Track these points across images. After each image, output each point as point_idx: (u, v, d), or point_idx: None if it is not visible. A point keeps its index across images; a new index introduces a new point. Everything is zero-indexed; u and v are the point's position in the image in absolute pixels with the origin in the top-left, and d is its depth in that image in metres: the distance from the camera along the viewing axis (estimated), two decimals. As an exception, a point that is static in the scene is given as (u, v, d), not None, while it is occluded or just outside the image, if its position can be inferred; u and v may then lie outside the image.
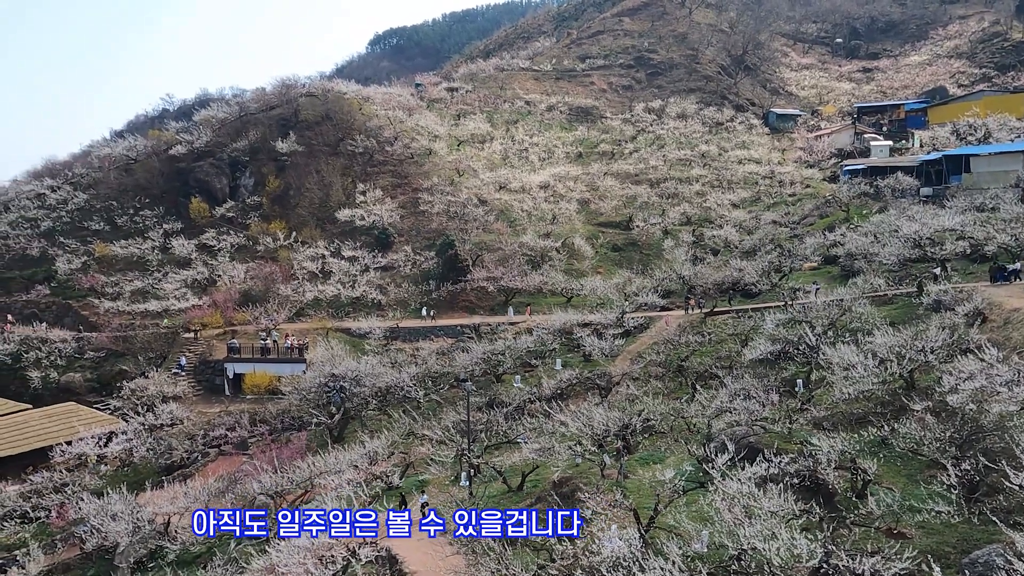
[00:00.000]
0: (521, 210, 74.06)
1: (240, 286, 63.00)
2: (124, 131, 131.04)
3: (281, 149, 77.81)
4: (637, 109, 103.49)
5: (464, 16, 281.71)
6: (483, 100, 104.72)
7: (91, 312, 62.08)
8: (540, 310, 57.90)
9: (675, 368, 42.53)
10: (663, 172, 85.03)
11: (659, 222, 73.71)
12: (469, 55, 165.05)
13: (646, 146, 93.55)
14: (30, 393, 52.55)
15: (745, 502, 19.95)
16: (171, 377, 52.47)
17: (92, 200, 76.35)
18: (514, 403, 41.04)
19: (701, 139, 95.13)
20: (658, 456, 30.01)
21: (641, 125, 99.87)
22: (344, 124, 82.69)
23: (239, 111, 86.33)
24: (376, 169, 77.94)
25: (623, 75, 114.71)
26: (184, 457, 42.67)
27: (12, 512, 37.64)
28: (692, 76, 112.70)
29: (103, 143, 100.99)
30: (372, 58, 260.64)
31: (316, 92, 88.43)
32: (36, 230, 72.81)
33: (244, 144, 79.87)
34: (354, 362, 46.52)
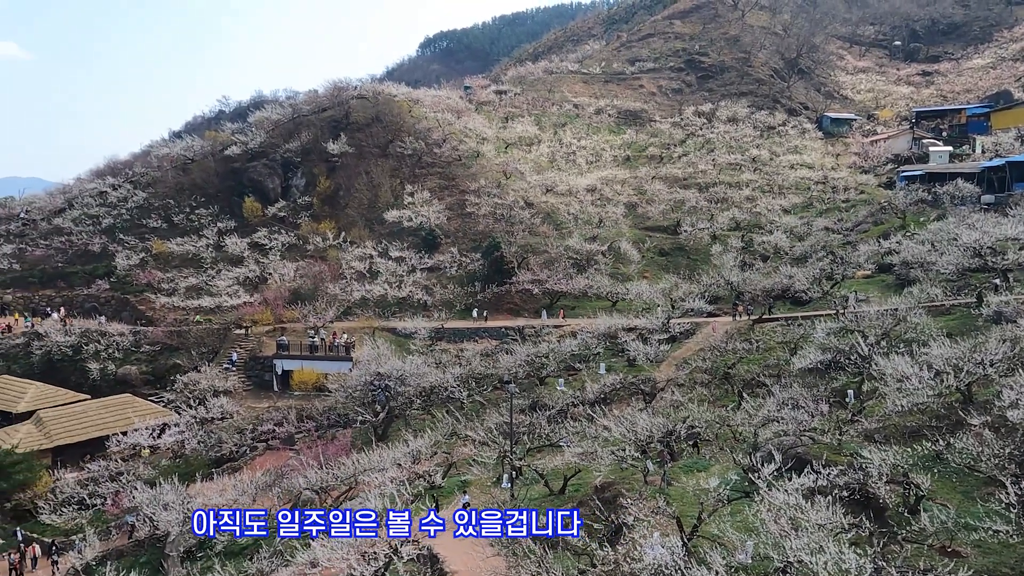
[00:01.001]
0: (567, 213, 73.91)
1: (290, 284, 64.23)
2: (182, 132, 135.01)
3: (332, 150, 79.10)
4: (687, 112, 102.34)
5: (514, 19, 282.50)
6: (531, 103, 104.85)
7: (148, 307, 64.03)
8: (584, 314, 57.70)
9: (721, 375, 41.92)
10: (712, 176, 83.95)
11: (707, 227, 72.76)
12: (518, 58, 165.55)
13: (695, 150, 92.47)
14: (89, 384, 54.42)
15: (792, 514, 19.54)
16: (222, 372, 53.73)
17: (151, 198, 78.75)
18: (557, 406, 40.96)
19: (752, 143, 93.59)
20: (702, 464, 29.61)
21: (691, 129, 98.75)
22: (393, 126, 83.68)
23: (292, 113, 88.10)
24: (424, 171, 78.65)
25: (673, 78, 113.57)
26: (233, 450, 43.66)
27: (70, 498, 39.02)
28: (744, 79, 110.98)
29: (162, 143, 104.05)
30: (422, 61, 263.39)
31: (367, 94, 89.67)
32: (98, 227, 75.41)
33: (296, 145, 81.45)
34: (399, 361, 47.00)
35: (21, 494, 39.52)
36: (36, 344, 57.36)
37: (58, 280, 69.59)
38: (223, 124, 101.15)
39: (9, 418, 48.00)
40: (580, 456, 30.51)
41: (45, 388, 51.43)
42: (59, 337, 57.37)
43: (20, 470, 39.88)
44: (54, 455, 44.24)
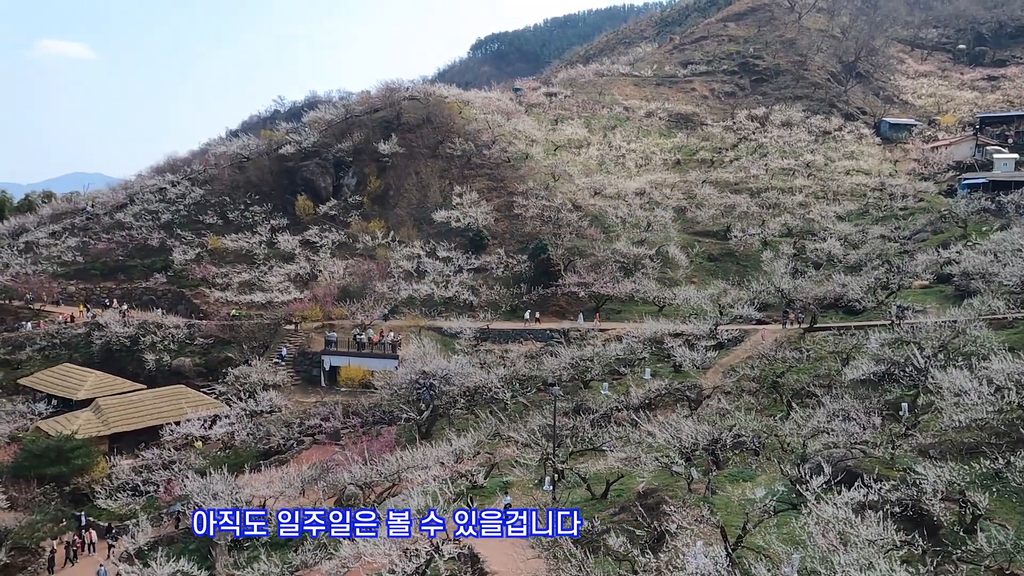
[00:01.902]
0: (615, 216, 73.49)
1: (339, 282, 65.24)
2: (238, 130, 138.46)
3: (383, 150, 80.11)
4: (739, 116, 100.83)
5: (565, 21, 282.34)
6: (581, 105, 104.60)
7: (202, 301, 65.76)
8: (630, 318, 57.28)
9: (770, 384, 41.17)
10: (764, 181, 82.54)
11: (758, 233, 71.52)
12: (569, 60, 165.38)
13: (747, 154, 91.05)
14: (145, 374, 56.08)
15: (841, 528, 19.11)
16: (272, 366, 54.82)
17: (207, 195, 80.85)
18: (601, 410, 40.76)
19: (806, 148, 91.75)
20: (748, 474, 29.13)
21: (743, 133, 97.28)
22: (444, 127, 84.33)
23: (344, 113, 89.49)
24: (473, 172, 79.08)
25: (726, 81, 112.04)
26: (281, 443, 44.49)
27: (125, 484, 40.24)
28: (799, 83, 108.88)
29: (219, 142, 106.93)
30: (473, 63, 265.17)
31: (418, 95, 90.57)
32: (157, 222, 77.75)
33: (348, 145, 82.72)
34: (444, 361, 47.31)
35: (79, 478, 40.92)
36: (96, 334, 59.37)
37: (118, 273, 71.98)
38: (278, 124, 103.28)
39: (70, 404, 49.82)
40: (623, 461, 30.33)
41: (104, 377, 53.22)
42: (118, 328, 59.28)
43: (79, 455, 41.31)
44: (111, 442, 45.73)
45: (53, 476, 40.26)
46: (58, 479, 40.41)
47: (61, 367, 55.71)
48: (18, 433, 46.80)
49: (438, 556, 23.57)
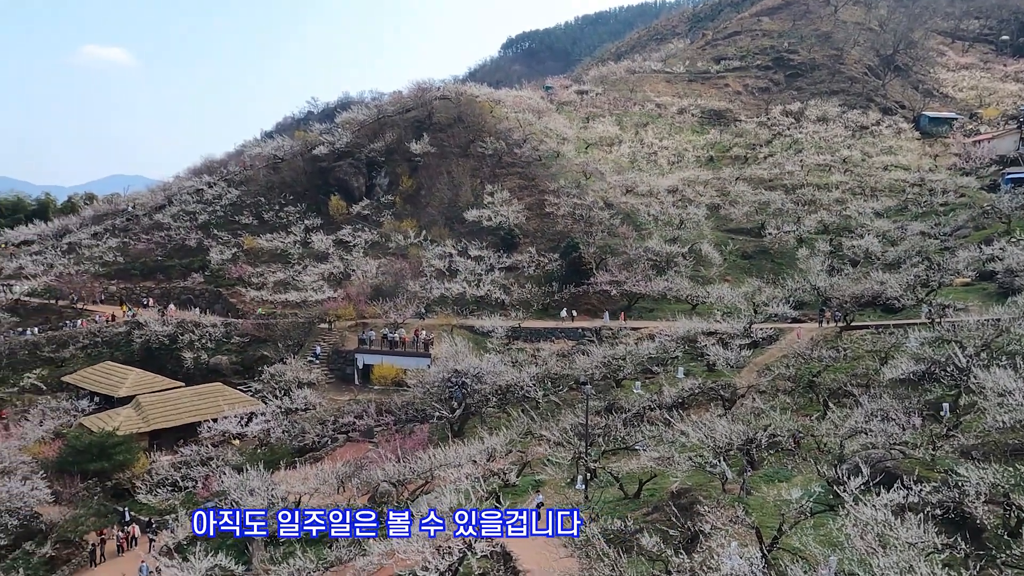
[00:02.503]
0: (648, 214, 73.00)
1: (372, 281, 65.79)
2: (273, 132, 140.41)
3: (415, 150, 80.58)
4: (774, 112, 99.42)
5: (597, 19, 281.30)
6: (613, 103, 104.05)
7: (238, 300, 66.83)
8: (663, 316, 56.90)
9: (805, 383, 40.56)
10: (800, 178, 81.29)
11: (793, 230, 70.51)
12: (600, 58, 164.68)
13: (782, 150, 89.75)
14: (183, 372, 57.17)
15: (879, 530, 18.75)
16: (306, 364, 55.48)
17: (243, 196, 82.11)
18: (633, 409, 40.54)
19: (843, 143, 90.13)
20: (784, 474, 28.74)
21: (778, 129, 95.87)
22: (475, 126, 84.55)
23: (377, 113, 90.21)
24: (504, 171, 79.15)
25: (760, 77, 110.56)
26: (315, 441, 45.01)
27: (164, 480, 41.09)
28: (835, 77, 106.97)
29: (254, 143, 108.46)
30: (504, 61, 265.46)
31: (449, 95, 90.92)
32: (194, 222, 79.18)
33: (380, 145, 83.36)
34: (476, 359, 47.44)
35: (121, 474, 41.87)
36: (137, 333, 60.69)
37: (157, 272, 73.48)
38: (311, 125, 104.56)
39: (111, 402, 51.02)
40: (656, 460, 30.13)
41: (144, 374, 54.38)
42: (157, 327, 60.52)
43: (120, 451, 42.25)
44: (151, 438, 46.69)
45: (96, 471, 41.25)
46: (100, 474, 41.39)
47: (103, 365, 57.04)
48: (62, 429, 48.05)
49: (471, 554, 23.67)
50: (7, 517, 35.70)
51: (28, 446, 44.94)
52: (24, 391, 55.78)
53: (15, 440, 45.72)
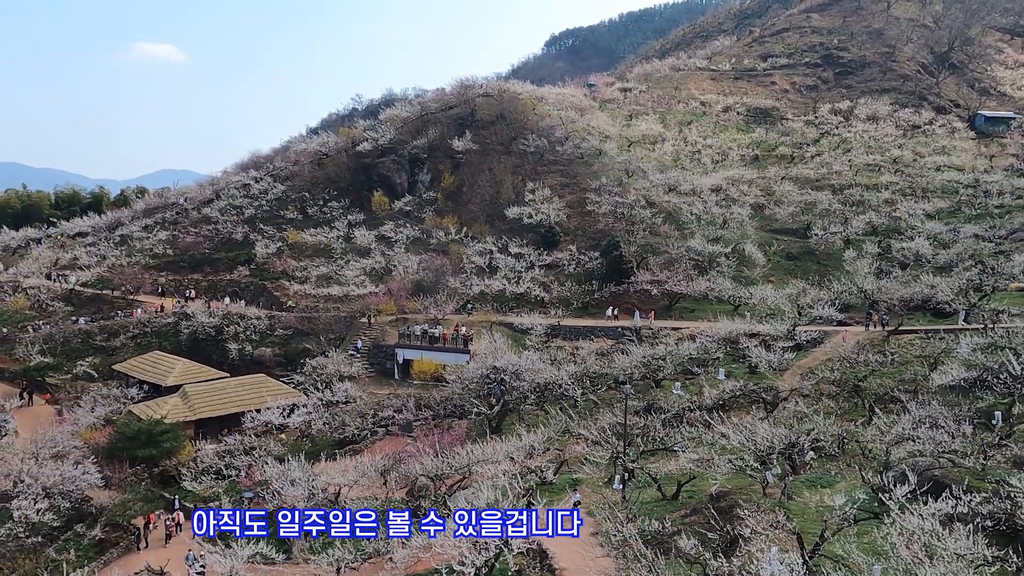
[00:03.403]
0: (690, 213, 72.21)
1: (413, 276, 66.31)
2: (318, 128, 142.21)
3: (457, 147, 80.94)
4: (822, 110, 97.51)
5: (641, 16, 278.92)
6: (656, 100, 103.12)
7: (282, 293, 67.94)
8: (704, 317, 56.25)
9: (851, 388, 39.76)
10: (848, 178, 79.58)
11: (840, 231, 69.08)
12: (644, 55, 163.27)
13: (830, 150, 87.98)
14: (228, 363, 58.36)
15: (926, 540, 18.30)
16: (348, 358, 56.16)
17: (288, 191, 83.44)
18: (673, 410, 40.21)
19: (893, 143, 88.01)
20: (827, 480, 28.23)
21: (825, 127, 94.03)
22: (517, 124, 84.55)
23: (420, 110, 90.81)
24: (546, 168, 79.03)
25: (808, 74, 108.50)
26: (355, 433, 45.56)
27: (209, 468, 42.01)
28: (886, 75, 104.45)
29: (300, 139, 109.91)
30: (547, 59, 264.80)
31: (492, 92, 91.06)
32: (241, 216, 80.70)
33: (423, 142, 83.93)
34: (515, 356, 47.50)
35: (167, 461, 42.93)
36: (184, 324, 62.17)
37: (205, 265, 75.07)
38: (356, 121, 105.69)
39: (159, 390, 52.37)
40: (695, 462, 29.83)
41: (190, 364, 55.68)
42: (204, 318, 61.88)
43: (167, 439, 43.32)
44: (196, 427, 47.78)
45: (143, 458, 42.36)
46: (148, 461, 42.50)
47: (152, 354, 58.55)
48: (113, 416, 49.44)
49: (507, 550, 23.74)
50: (60, 499, 36.87)
51: (80, 431, 46.38)
52: (77, 378, 57.58)
53: (68, 425, 47.25)
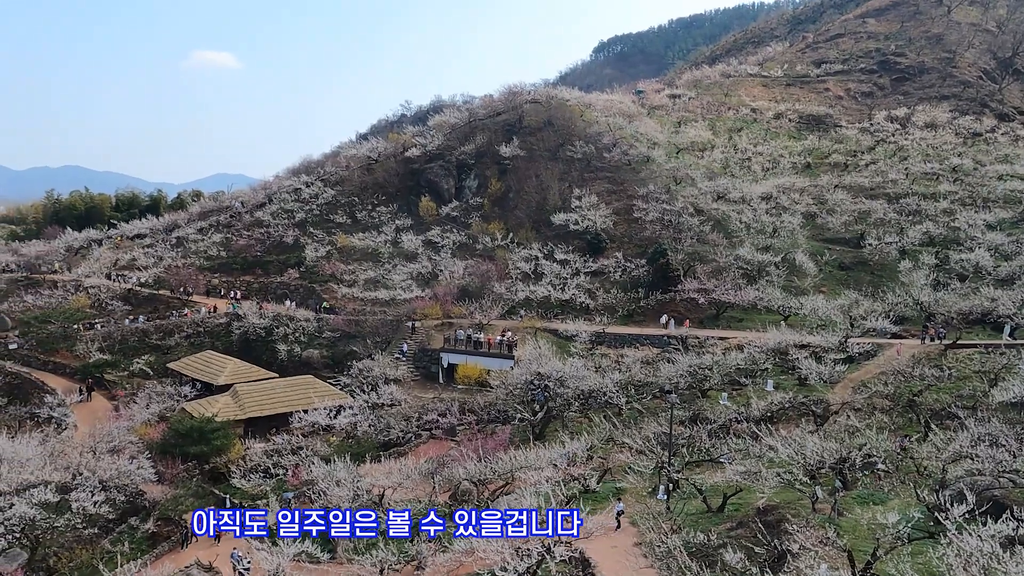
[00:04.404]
0: (739, 221, 71.16)
1: (459, 281, 66.74)
2: (368, 134, 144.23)
3: (504, 153, 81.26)
4: (878, 117, 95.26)
5: (691, 22, 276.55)
6: (706, 107, 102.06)
7: (330, 296, 69.03)
8: (752, 327, 55.37)
9: (905, 403, 38.65)
10: (904, 187, 77.50)
11: (896, 241, 67.28)
12: (694, 61, 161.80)
13: (885, 158, 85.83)
14: (277, 363, 59.48)
15: (985, 563, 17.66)
16: (393, 361, 56.74)
17: (338, 196, 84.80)
18: (719, 421, 39.64)
19: (953, 151, 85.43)
20: (879, 497, 27.46)
21: (881, 135, 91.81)
22: (565, 130, 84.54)
23: (468, 117, 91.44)
24: (593, 175, 78.81)
25: (863, 81, 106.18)
26: (400, 436, 45.95)
27: (257, 466, 42.80)
28: (946, 81, 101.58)
29: (350, 144, 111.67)
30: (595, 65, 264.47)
31: (540, 99, 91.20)
32: (292, 220, 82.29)
33: (471, 148, 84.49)
34: (559, 363, 47.39)
35: (217, 458, 43.86)
36: (236, 324, 63.61)
37: (256, 267, 76.74)
38: (405, 127, 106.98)
39: (211, 389, 53.62)
40: (742, 475, 29.34)
41: (241, 364, 56.87)
42: (255, 319, 63.23)
43: (218, 437, 44.28)
44: (246, 425, 48.72)
45: (195, 455, 43.38)
46: (199, 457, 43.50)
47: (204, 354, 60.01)
48: (166, 413, 50.82)
49: (549, 557, 23.66)
50: (115, 493, 38.02)
51: (136, 427, 47.77)
52: (133, 375, 59.37)
53: (124, 421, 48.70)
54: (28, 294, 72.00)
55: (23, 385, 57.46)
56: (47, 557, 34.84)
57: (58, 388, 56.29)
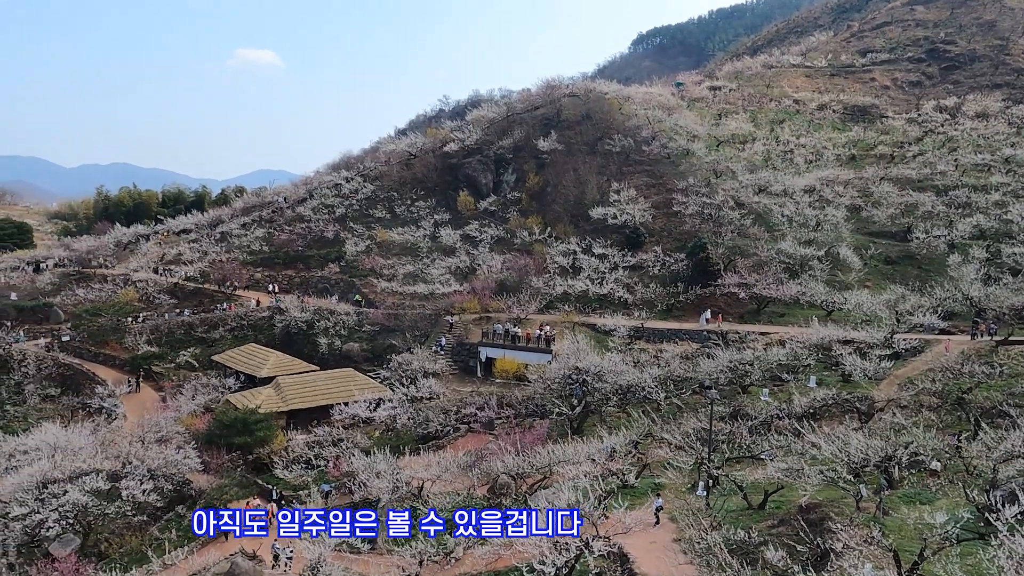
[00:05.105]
0: (781, 215, 70.02)
1: (496, 276, 66.89)
2: (406, 129, 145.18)
3: (542, 147, 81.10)
4: (926, 107, 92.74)
5: (732, 12, 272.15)
6: (747, 99, 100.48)
7: (370, 290, 69.78)
8: (795, 322, 54.48)
9: (954, 400, 37.72)
10: (953, 178, 75.40)
11: (945, 234, 65.54)
12: (734, 52, 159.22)
13: (934, 149, 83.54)
14: (318, 356, 60.38)
15: (1038, 565, 17.16)
16: (432, 355, 57.14)
17: (377, 191, 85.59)
18: (760, 417, 39.15)
19: (1005, 141, 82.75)
20: (926, 496, 26.87)
21: (929, 125, 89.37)
22: (603, 123, 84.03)
23: (506, 111, 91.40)
24: (631, 168, 78.24)
25: (911, 70, 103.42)
26: (438, 429, 46.31)
27: (299, 458, 43.56)
28: (998, 70, 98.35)
29: (389, 140, 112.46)
30: (634, 58, 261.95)
31: (578, 92, 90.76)
32: (332, 215, 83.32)
33: (509, 142, 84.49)
34: (597, 357, 47.21)
35: (261, 449, 44.75)
36: (278, 318, 64.71)
37: (297, 262, 77.91)
38: (443, 122, 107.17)
39: (254, 381, 54.68)
40: (784, 472, 28.94)
41: (283, 357, 57.86)
42: (297, 313, 64.24)
43: (261, 428, 45.18)
44: (288, 417, 49.64)
45: (239, 445, 44.30)
46: (243, 448, 44.41)
47: (247, 347, 61.19)
48: (211, 404, 51.99)
49: (587, 552, 23.67)
50: (163, 481, 39.04)
51: (182, 418, 48.97)
52: (179, 367, 60.84)
53: (171, 412, 49.97)
54: (79, 288, 74.16)
55: (75, 376, 59.30)
56: (99, 543, 35.96)
57: (108, 379, 58.01)
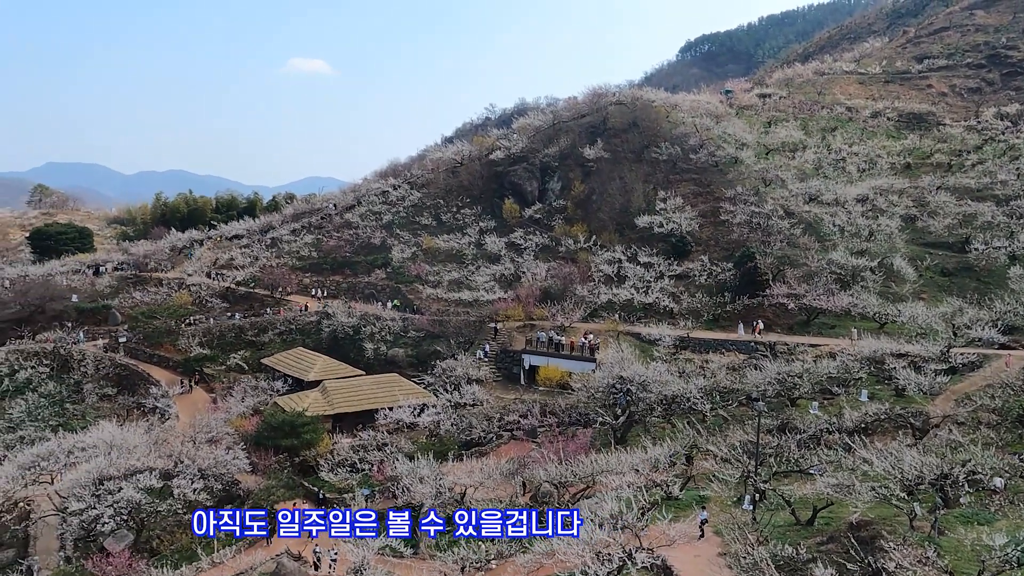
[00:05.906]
0: (832, 224, 68.55)
1: (541, 283, 66.87)
2: (453, 137, 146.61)
3: (588, 155, 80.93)
4: (986, 115, 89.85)
5: (783, 19, 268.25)
6: (797, 106, 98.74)
7: (415, 296, 70.42)
8: (845, 334, 53.26)
9: (1015, 417, 36.38)
10: (1015, 188, 72.86)
11: (1005, 246, 63.37)
12: (785, 59, 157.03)
13: (994, 157, 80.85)
14: (364, 361, 61.08)
15: (1105, 592, 16.44)
16: (476, 361, 57.40)
17: (424, 198, 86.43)
18: (809, 431, 38.36)
19: (1071, 150, 79.70)
20: (985, 516, 25.95)
21: (990, 133, 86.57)
22: (650, 131, 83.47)
23: (552, 119, 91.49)
24: (678, 177, 77.52)
25: (970, 76, 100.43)
26: (481, 436, 46.48)
27: (344, 461, 44.16)
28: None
29: (435, 147, 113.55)
30: (681, 65, 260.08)
31: (625, 100, 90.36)
32: (379, 222, 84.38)
33: (554, 150, 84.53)
34: (642, 367, 46.84)
35: (307, 451, 45.50)
36: (326, 323, 65.71)
37: (345, 268, 79.05)
38: (489, 130, 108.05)
39: (301, 384, 55.62)
40: (834, 487, 28.26)
41: (330, 361, 58.75)
42: (344, 318, 65.17)
43: (308, 431, 45.93)
44: (334, 421, 50.35)
45: (286, 447, 45.11)
46: (290, 450, 45.21)
47: (295, 350, 62.27)
48: (260, 406, 53.03)
49: (630, 563, 23.46)
50: (213, 481, 39.96)
51: (232, 419, 50.07)
52: (230, 370, 62.22)
53: (222, 413, 51.13)
54: (136, 291, 76.47)
55: (131, 376, 61.14)
56: (151, 539, 36.97)
57: (162, 380, 59.63)
